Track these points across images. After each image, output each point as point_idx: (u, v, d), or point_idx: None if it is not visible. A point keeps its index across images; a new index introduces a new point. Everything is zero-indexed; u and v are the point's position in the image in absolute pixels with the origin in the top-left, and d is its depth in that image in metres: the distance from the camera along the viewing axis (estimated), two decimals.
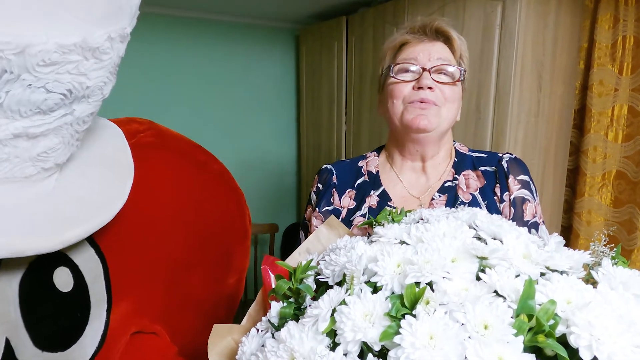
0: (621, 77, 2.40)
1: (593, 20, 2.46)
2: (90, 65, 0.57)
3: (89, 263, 0.69)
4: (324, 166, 1.36)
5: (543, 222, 1.21)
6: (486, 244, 0.59)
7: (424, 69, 1.15)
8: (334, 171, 1.32)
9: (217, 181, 0.98)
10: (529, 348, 0.45)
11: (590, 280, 0.57)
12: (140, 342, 0.78)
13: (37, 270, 0.63)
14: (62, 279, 0.66)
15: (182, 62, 3.52)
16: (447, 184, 1.22)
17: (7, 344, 0.60)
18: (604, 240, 0.64)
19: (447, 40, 1.20)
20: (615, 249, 0.63)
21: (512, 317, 0.46)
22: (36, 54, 0.51)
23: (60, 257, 0.66)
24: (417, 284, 0.52)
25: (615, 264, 0.59)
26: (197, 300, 0.92)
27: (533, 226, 1.17)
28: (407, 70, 1.18)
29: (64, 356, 0.66)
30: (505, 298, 0.49)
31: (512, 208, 1.17)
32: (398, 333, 0.46)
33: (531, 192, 1.20)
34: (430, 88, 1.14)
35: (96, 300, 0.71)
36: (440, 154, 1.25)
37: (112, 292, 0.73)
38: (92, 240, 0.70)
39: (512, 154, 1.24)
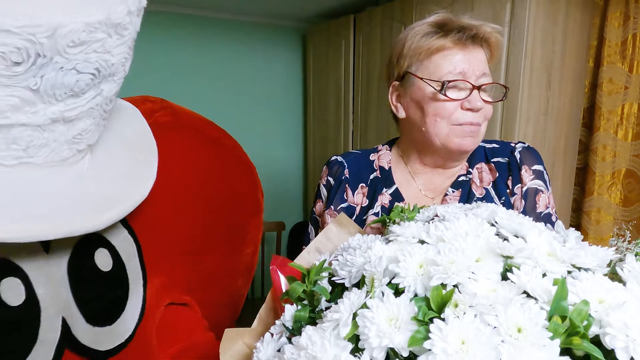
0: (631, 75, 2.38)
1: (603, 18, 2.44)
2: (113, 42, 0.59)
3: (124, 243, 0.75)
4: (334, 157, 1.29)
5: (555, 212, 1.18)
6: (508, 241, 0.58)
7: (474, 87, 1.06)
8: (345, 164, 1.26)
9: (231, 156, 1.00)
10: (562, 351, 0.43)
11: (614, 277, 0.55)
12: (173, 313, 0.84)
13: (80, 253, 0.68)
14: (103, 260, 0.71)
15: (189, 61, 3.53)
16: (460, 179, 1.18)
17: (64, 322, 0.65)
18: (628, 236, 0.62)
19: (486, 45, 1.11)
20: (637, 243, 0.61)
21: (545, 320, 0.44)
22: (66, 34, 0.53)
23: (99, 240, 0.71)
24: (443, 285, 0.50)
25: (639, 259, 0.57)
26: (217, 272, 0.97)
27: (546, 217, 1.14)
28: (455, 87, 1.08)
29: (111, 330, 0.72)
30: (536, 299, 0.47)
31: (523, 200, 1.14)
32: (427, 338, 0.44)
33: (545, 182, 1.16)
34: (479, 109, 1.07)
35: (133, 277, 0.76)
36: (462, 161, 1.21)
37: (146, 268, 0.79)
38: (124, 221, 0.75)
39: (524, 143, 1.20)
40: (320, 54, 3.64)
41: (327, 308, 0.58)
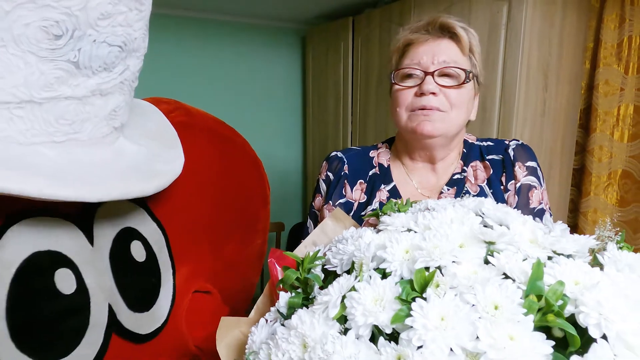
0: (627, 77, 2.40)
1: (599, 20, 2.46)
2: (133, 16, 0.65)
3: (154, 235, 0.81)
4: (334, 153, 1.32)
5: (549, 208, 1.19)
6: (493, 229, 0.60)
7: (426, 73, 1.10)
8: (345, 160, 1.29)
9: (242, 153, 1.08)
10: (539, 329, 0.45)
11: (596, 265, 0.58)
12: (199, 300, 0.90)
13: (119, 245, 0.74)
14: (137, 251, 0.77)
15: (189, 63, 3.54)
16: (455, 177, 1.20)
17: (110, 308, 0.71)
18: (609, 226, 0.64)
19: (454, 36, 1.14)
20: (620, 234, 0.63)
21: (521, 298, 0.46)
22: (95, 7, 0.59)
23: (133, 233, 0.77)
24: (427, 269, 0.52)
25: (621, 248, 0.60)
26: (235, 261, 1.04)
27: (539, 213, 1.16)
28: (410, 75, 1.14)
29: (148, 315, 0.78)
30: (514, 280, 0.50)
31: (516, 196, 1.16)
32: (409, 316, 0.47)
33: (538, 178, 1.18)
34: (433, 93, 1.10)
35: (164, 267, 0.82)
36: (452, 155, 1.23)
37: (174, 258, 0.85)
38: (152, 215, 0.82)
39: (518, 140, 1.23)
40: (320, 56, 3.66)
41: None
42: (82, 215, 0.69)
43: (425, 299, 0.48)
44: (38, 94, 0.58)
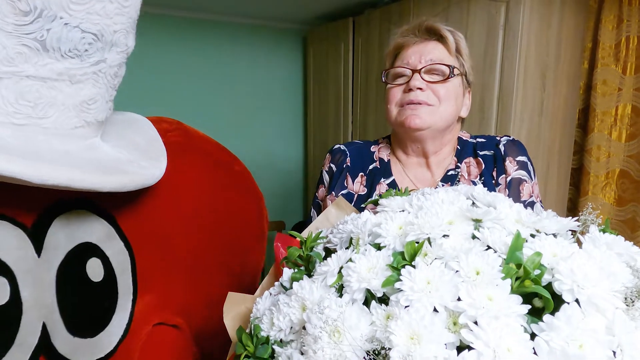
0: (625, 77, 2.42)
1: (597, 21, 2.48)
2: (113, 9, 0.64)
3: (118, 256, 0.75)
4: (337, 146, 1.38)
5: (540, 200, 1.24)
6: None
7: (413, 71, 1.19)
8: (347, 153, 1.34)
9: (239, 182, 1.01)
10: (521, 298, 0.49)
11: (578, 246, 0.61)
12: (160, 334, 0.82)
13: (73, 260, 0.68)
14: (94, 270, 0.71)
15: (190, 64, 3.57)
16: (449, 173, 1.25)
17: (44, 328, 0.65)
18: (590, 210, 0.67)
19: (440, 38, 1.23)
20: (605, 221, 0.67)
21: (501, 266, 0.50)
22: None
23: (94, 249, 0.71)
24: (417, 242, 0.57)
25: (602, 230, 0.63)
26: (215, 297, 0.93)
27: (530, 205, 1.18)
28: (400, 75, 1.23)
29: (92, 342, 0.71)
30: (496, 251, 0.54)
31: (507, 189, 1.20)
32: (398, 280, 0.51)
33: (529, 172, 1.23)
34: (420, 89, 1.18)
35: (123, 292, 0.76)
36: (444, 150, 1.28)
37: (138, 284, 0.78)
38: (122, 234, 0.76)
39: (510, 136, 1.28)
40: (320, 56, 3.69)
41: None
42: (35, 224, 0.65)
43: (414, 266, 0.52)
44: None
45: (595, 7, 2.49)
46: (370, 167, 1.32)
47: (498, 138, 1.28)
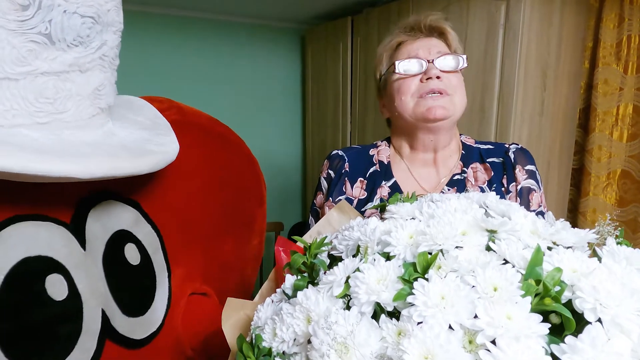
0: (626, 76, 2.41)
1: (598, 20, 2.47)
2: None
3: (148, 238, 0.79)
4: (335, 152, 1.36)
5: (547, 212, 1.22)
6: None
7: (428, 61, 1.17)
8: (345, 158, 1.32)
9: (236, 151, 1.06)
10: (538, 313, 0.46)
11: (594, 257, 0.59)
12: (195, 302, 0.89)
13: (112, 249, 0.73)
14: (131, 254, 0.76)
15: (188, 63, 3.56)
16: (455, 177, 1.23)
17: (104, 314, 0.69)
18: (609, 222, 0.65)
19: (441, 35, 1.23)
20: (617, 226, 0.64)
21: (519, 282, 0.48)
22: None
23: (128, 235, 0.76)
24: (429, 253, 0.54)
25: (619, 243, 0.61)
26: (230, 262, 1.02)
27: (540, 215, 1.18)
28: (408, 67, 1.20)
29: (144, 319, 0.77)
30: (514, 265, 0.51)
31: (518, 198, 1.18)
32: (411, 294, 0.48)
33: (537, 182, 1.22)
34: (438, 77, 1.16)
35: (159, 270, 0.81)
36: (451, 145, 1.26)
37: (170, 261, 0.84)
38: (147, 217, 0.80)
39: (518, 144, 1.26)
40: (319, 55, 3.67)
41: None
42: (74, 219, 0.68)
43: (427, 279, 0.49)
44: (11, 69, 0.57)
45: (596, 6, 2.47)
46: (370, 170, 1.30)
47: (507, 145, 1.26)
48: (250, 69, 3.83)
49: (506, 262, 0.52)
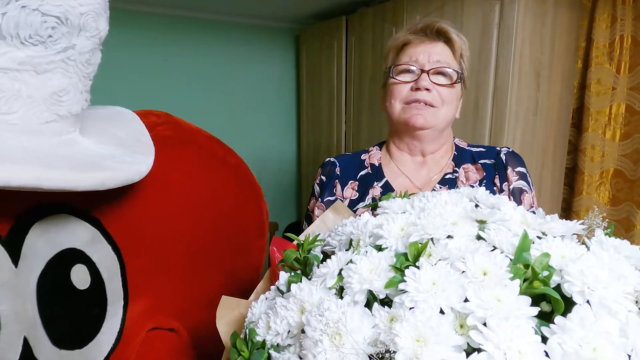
0: (619, 76, 2.42)
1: (591, 20, 2.48)
2: None
3: (106, 260, 0.70)
4: (327, 159, 1.40)
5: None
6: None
7: (422, 71, 1.19)
8: (337, 163, 1.37)
9: (235, 175, 0.97)
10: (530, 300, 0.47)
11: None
12: (156, 339, 0.78)
13: (54, 268, 0.64)
14: (80, 277, 0.67)
15: (182, 62, 3.56)
16: (447, 176, 1.26)
17: (26, 342, 0.61)
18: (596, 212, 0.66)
19: (448, 41, 1.25)
20: (605, 218, 0.65)
21: (508, 267, 0.49)
22: None
23: (78, 255, 0.67)
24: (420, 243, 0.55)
25: (607, 234, 0.62)
26: (215, 298, 0.86)
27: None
28: (407, 71, 1.23)
29: (81, 354, 0.67)
30: (502, 251, 0.52)
31: (511, 197, 1.21)
32: (402, 281, 0.49)
33: (528, 183, 1.25)
34: (427, 89, 1.19)
35: (113, 298, 0.71)
36: (441, 151, 1.30)
37: (129, 289, 0.74)
38: (109, 237, 0.71)
39: (509, 148, 1.30)
40: (313, 55, 3.68)
41: None
42: (11, 232, 0.60)
43: (418, 267, 0.50)
44: None
45: (589, 6, 2.49)
46: (362, 173, 1.34)
47: (498, 148, 1.30)
48: (245, 69, 3.84)
49: (495, 249, 0.53)
